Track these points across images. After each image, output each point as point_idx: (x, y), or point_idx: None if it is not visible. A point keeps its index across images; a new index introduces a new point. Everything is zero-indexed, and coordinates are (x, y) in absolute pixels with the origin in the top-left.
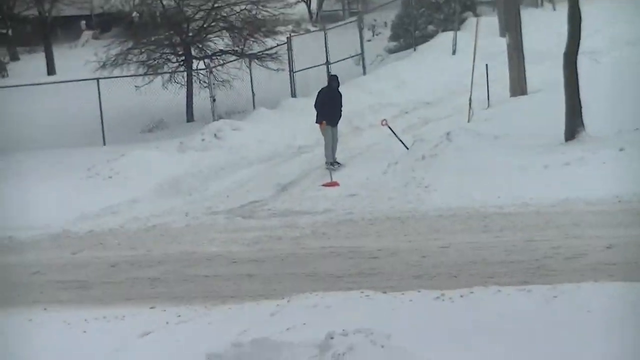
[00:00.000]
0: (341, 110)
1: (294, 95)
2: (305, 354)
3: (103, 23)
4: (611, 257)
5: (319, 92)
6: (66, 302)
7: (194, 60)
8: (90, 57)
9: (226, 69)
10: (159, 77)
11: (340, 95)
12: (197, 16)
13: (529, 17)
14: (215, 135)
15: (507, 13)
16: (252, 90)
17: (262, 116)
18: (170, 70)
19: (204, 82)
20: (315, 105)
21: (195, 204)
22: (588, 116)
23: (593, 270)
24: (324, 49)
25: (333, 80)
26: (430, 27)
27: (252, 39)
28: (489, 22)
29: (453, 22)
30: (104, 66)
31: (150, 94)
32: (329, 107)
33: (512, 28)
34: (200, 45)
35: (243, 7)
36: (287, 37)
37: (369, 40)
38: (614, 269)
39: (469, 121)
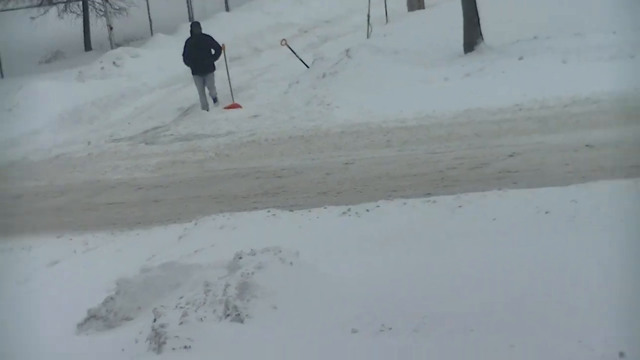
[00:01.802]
0: (213, 55)
1: (191, 19)
2: (215, 275)
3: None
4: (514, 165)
5: (184, 43)
6: None
7: None
8: None
9: None
10: (54, 7)
11: (209, 39)
12: None
13: None
14: (114, 63)
15: None
16: (149, 16)
17: (161, 42)
18: (65, 0)
19: (100, 10)
20: (182, 57)
21: (97, 132)
22: (486, 27)
23: (497, 179)
24: None
25: (195, 27)
26: None
27: None
28: None
29: None
30: None
31: (46, 24)
32: (194, 56)
33: None
34: None
35: None
36: None
37: None
38: (517, 176)
39: (368, 37)
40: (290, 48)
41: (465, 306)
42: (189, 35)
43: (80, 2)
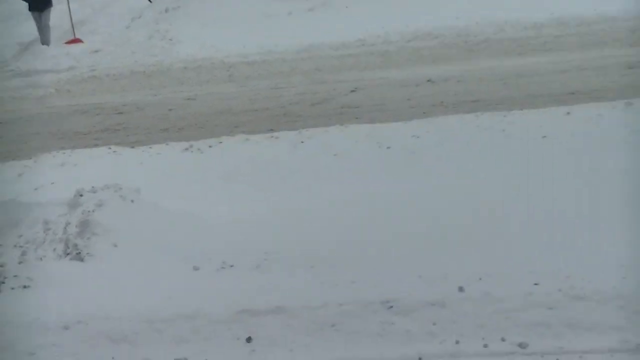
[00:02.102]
0: None
1: None
2: (55, 212)
3: None
4: (356, 100)
5: None
6: None
7: None
8: None
9: None
10: None
11: None
12: None
13: None
14: None
15: None
16: None
17: None
18: None
19: None
20: None
21: None
22: None
23: (339, 114)
24: None
25: None
26: None
27: None
28: None
29: None
30: None
31: None
32: None
33: None
34: None
35: None
36: None
37: None
38: (359, 111)
39: None
40: None
41: (308, 243)
42: None
43: None
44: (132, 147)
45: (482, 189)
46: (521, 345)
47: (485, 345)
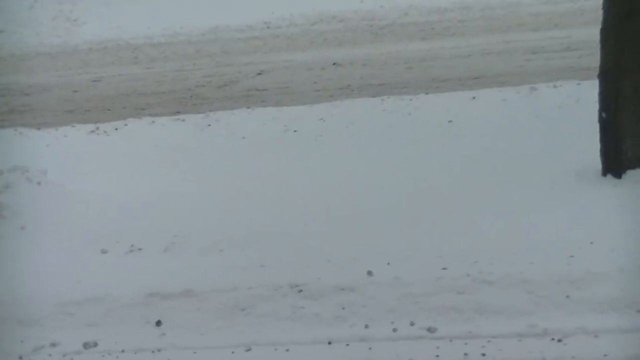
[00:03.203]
0: None
1: None
2: None
3: None
4: (262, 83)
5: None
6: None
7: None
8: None
9: None
10: None
11: None
12: None
13: None
14: None
15: None
16: None
17: None
18: None
19: None
20: None
21: None
22: None
23: (245, 97)
24: None
25: None
26: None
27: None
28: None
29: None
30: None
31: None
32: None
33: None
34: None
35: None
36: None
37: None
38: (265, 94)
39: None
40: None
41: (216, 226)
42: None
43: None
44: (39, 129)
45: (389, 173)
46: (430, 330)
47: (395, 330)
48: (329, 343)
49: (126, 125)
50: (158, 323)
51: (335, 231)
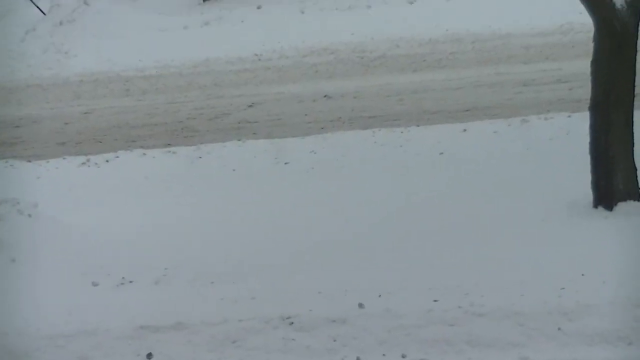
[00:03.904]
0: None
1: None
2: None
3: None
4: (254, 115)
5: None
6: None
7: None
8: None
9: None
10: None
11: None
12: None
13: None
14: None
15: None
16: None
17: None
18: None
19: None
20: None
21: None
22: None
23: (237, 129)
24: None
25: None
26: None
27: None
28: None
29: None
30: None
31: None
32: None
33: None
34: None
35: None
36: None
37: None
38: (256, 126)
39: None
40: None
41: (207, 258)
42: None
43: None
44: (29, 161)
45: (380, 205)
46: None
47: None
48: None
49: (117, 157)
50: (149, 356)
51: (326, 263)
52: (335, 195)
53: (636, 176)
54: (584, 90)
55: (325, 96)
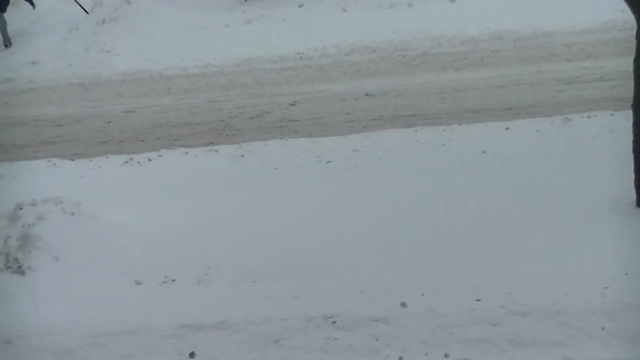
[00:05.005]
0: None
1: None
2: None
3: None
4: (295, 113)
5: None
6: None
7: None
8: None
9: None
10: None
11: None
12: None
13: None
14: None
15: None
16: None
17: None
18: None
19: None
20: None
21: None
22: None
23: (278, 127)
24: None
25: None
26: None
27: None
28: None
29: None
30: None
31: None
32: None
33: None
34: None
35: None
36: None
37: None
38: (298, 125)
39: None
40: None
41: (249, 257)
42: None
43: None
44: (72, 159)
45: (423, 204)
46: None
47: None
48: None
49: (160, 156)
50: (192, 355)
51: (369, 262)
52: (377, 194)
53: None
54: (627, 88)
55: (367, 94)
